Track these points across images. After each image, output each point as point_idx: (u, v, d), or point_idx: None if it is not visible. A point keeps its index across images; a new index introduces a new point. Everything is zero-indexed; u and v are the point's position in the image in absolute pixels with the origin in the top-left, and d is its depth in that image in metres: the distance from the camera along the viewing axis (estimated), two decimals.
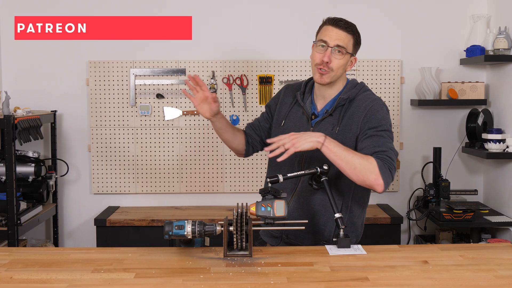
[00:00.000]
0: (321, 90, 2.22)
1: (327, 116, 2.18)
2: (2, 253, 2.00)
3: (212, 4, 3.76)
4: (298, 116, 2.24)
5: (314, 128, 2.18)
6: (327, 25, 2.15)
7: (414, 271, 1.80)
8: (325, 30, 2.15)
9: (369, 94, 2.20)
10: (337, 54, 2.12)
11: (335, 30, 2.12)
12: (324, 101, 2.23)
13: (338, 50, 2.12)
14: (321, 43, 2.13)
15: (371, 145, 2.06)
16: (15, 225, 3.10)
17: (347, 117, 2.16)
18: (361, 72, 3.76)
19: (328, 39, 2.12)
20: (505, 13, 3.53)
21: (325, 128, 2.16)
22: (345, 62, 2.15)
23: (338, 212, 2.05)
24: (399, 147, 3.80)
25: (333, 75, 2.15)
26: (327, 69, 2.13)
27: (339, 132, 2.14)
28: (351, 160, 1.99)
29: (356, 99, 2.17)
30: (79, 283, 1.69)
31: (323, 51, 2.13)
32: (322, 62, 2.12)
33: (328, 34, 2.13)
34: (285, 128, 2.23)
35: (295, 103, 2.27)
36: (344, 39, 2.12)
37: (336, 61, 2.12)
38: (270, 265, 1.86)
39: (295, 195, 2.19)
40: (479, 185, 3.82)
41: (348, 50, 2.14)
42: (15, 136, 3.08)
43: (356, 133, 2.13)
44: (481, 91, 3.66)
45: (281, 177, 2.04)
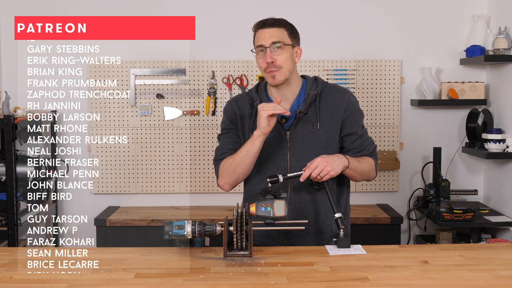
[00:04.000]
0: (280, 92, 2.18)
1: (302, 115, 2.16)
2: (2, 253, 2.01)
3: (212, 4, 3.76)
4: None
5: (291, 131, 2.15)
6: (258, 30, 2.16)
7: (414, 271, 1.80)
8: (258, 36, 2.16)
9: (334, 85, 2.25)
10: (276, 51, 2.12)
11: (266, 30, 2.13)
12: (288, 102, 2.19)
13: (276, 46, 2.12)
14: (259, 48, 2.14)
15: (363, 144, 2.22)
16: (15, 225, 3.11)
17: (325, 112, 2.16)
18: (361, 72, 3.76)
19: (262, 42, 2.13)
20: (505, 13, 3.53)
21: (304, 128, 2.15)
22: (289, 54, 2.14)
23: (338, 212, 2.05)
24: (399, 147, 3.80)
25: (284, 71, 2.12)
26: (275, 68, 2.11)
27: (320, 128, 2.15)
28: (362, 169, 2.17)
29: (325, 93, 2.19)
30: (79, 283, 1.69)
31: (264, 55, 2.12)
32: (267, 64, 2.11)
33: (261, 38, 2.13)
34: None
35: (256, 113, 2.15)
36: (276, 34, 2.12)
37: (279, 57, 2.11)
38: (270, 265, 1.86)
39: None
40: (479, 185, 3.82)
41: (286, 42, 2.13)
42: (15, 136, 3.09)
43: (339, 126, 2.18)
44: (481, 91, 3.66)
45: (281, 177, 2.05)
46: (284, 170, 2.16)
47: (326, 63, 3.76)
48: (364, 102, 3.77)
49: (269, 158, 2.15)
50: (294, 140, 2.15)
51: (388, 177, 3.82)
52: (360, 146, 2.20)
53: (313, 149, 2.13)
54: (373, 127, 3.78)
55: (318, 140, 2.15)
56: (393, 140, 3.80)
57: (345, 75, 3.76)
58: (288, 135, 2.15)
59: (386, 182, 3.83)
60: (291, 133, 2.15)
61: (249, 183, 2.24)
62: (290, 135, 2.15)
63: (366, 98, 3.77)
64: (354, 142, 2.19)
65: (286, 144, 2.15)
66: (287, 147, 2.15)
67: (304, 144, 2.13)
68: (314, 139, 2.14)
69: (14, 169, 3.11)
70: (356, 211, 3.61)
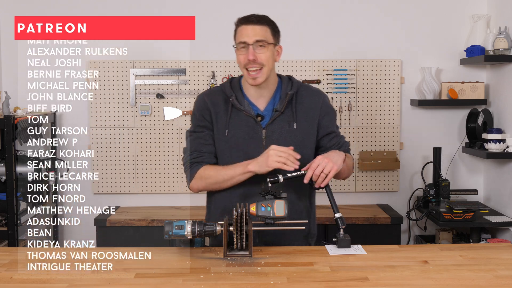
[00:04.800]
0: (257, 90, 2.19)
1: (278, 115, 2.16)
2: (2, 253, 2.01)
3: (212, 4, 3.76)
4: (243, 120, 2.17)
5: (267, 129, 2.15)
6: (241, 26, 2.17)
7: (414, 271, 1.80)
8: (240, 31, 2.16)
9: (308, 86, 2.28)
10: (259, 49, 2.12)
11: (250, 27, 2.14)
12: (265, 100, 2.20)
13: (259, 44, 2.12)
14: (241, 44, 2.14)
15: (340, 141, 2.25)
16: (15, 225, 3.11)
17: (301, 112, 2.18)
18: (361, 72, 3.76)
19: (246, 38, 2.13)
20: (505, 13, 3.53)
21: (281, 127, 2.15)
22: (271, 53, 2.15)
23: (338, 212, 2.05)
24: (399, 147, 3.81)
25: (265, 71, 2.13)
26: (257, 65, 2.11)
27: (297, 128, 2.16)
28: (350, 164, 2.22)
29: (300, 94, 2.21)
30: (79, 283, 1.69)
31: (246, 51, 2.12)
32: (248, 61, 2.11)
33: (244, 34, 2.14)
34: (232, 137, 2.16)
35: (232, 109, 2.17)
36: (260, 32, 2.13)
37: (261, 55, 2.12)
38: (270, 265, 1.86)
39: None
40: (479, 185, 3.82)
41: (269, 41, 2.14)
42: (15, 136, 3.09)
43: (315, 128, 2.20)
44: (481, 91, 3.66)
45: (281, 177, 2.05)
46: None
47: (326, 63, 3.76)
48: (364, 102, 3.77)
49: (245, 156, 2.13)
50: (270, 138, 2.15)
51: (388, 177, 3.83)
52: (338, 143, 2.24)
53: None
54: (373, 127, 3.78)
55: (294, 139, 2.15)
56: (393, 140, 3.80)
57: (345, 75, 3.76)
58: (264, 133, 2.15)
59: (386, 182, 3.83)
60: (267, 131, 2.15)
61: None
62: (266, 133, 2.15)
63: (366, 98, 3.77)
64: (332, 140, 2.23)
65: (261, 142, 2.15)
66: (263, 145, 2.14)
67: (280, 143, 2.11)
68: (290, 139, 2.15)
69: (14, 169, 3.12)
70: (356, 211, 3.61)
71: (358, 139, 3.79)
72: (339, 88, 3.75)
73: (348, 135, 3.77)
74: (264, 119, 2.17)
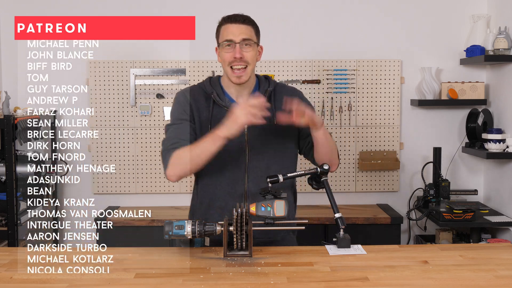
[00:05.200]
0: (238, 89, 2.21)
1: None
2: (2, 253, 2.01)
3: (212, 4, 3.76)
4: (224, 116, 2.13)
5: (249, 125, 2.12)
6: (226, 24, 2.18)
7: (414, 271, 1.80)
8: (225, 29, 2.17)
9: (284, 85, 2.33)
10: (246, 48, 2.14)
11: (236, 25, 2.16)
12: (244, 98, 2.17)
13: (245, 43, 2.14)
14: (227, 43, 2.15)
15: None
16: (15, 225, 3.11)
17: (280, 108, 2.18)
18: (361, 72, 3.76)
19: (232, 36, 2.14)
20: (505, 13, 3.53)
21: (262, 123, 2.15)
22: (255, 53, 2.18)
23: (338, 212, 2.05)
24: (399, 147, 3.81)
25: (250, 70, 2.16)
26: (243, 63, 2.13)
27: (277, 124, 2.16)
28: (331, 141, 2.20)
29: (278, 91, 2.25)
30: (79, 283, 1.69)
31: (232, 49, 2.13)
32: (234, 59, 2.12)
33: (231, 32, 2.15)
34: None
35: (214, 105, 2.19)
36: (246, 32, 2.15)
37: (248, 53, 2.14)
38: (270, 265, 1.86)
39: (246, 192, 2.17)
40: (479, 185, 3.82)
41: (254, 40, 2.17)
42: (15, 136, 3.09)
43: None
44: (481, 91, 3.66)
45: (281, 177, 2.05)
46: (242, 164, 2.16)
47: (326, 63, 3.76)
48: (364, 102, 3.77)
49: (227, 152, 2.12)
50: (252, 134, 2.16)
51: (388, 177, 3.83)
52: None
53: (272, 143, 2.17)
54: (373, 127, 3.78)
55: (275, 135, 2.18)
56: (393, 140, 3.80)
57: (345, 75, 3.76)
58: (245, 129, 2.15)
59: (386, 182, 3.83)
60: (248, 126, 2.15)
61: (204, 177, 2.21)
62: (247, 128, 2.15)
63: (366, 98, 3.77)
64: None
65: (244, 137, 2.15)
66: (245, 140, 2.16)
67: (263, 139, 2.14)
68: (271, 134, 2.18)
69: (14, 169, 3.12)
70: (356, 211, 3.61)
71: (358, 139, 3.79)
72: (339, 88, 3.75)
73: (348, 135, 3.77)
74: None
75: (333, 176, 3.79)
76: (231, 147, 2.13)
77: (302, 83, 3.74)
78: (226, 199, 2.15)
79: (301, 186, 3.60)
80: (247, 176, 2.16)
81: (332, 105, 3.76)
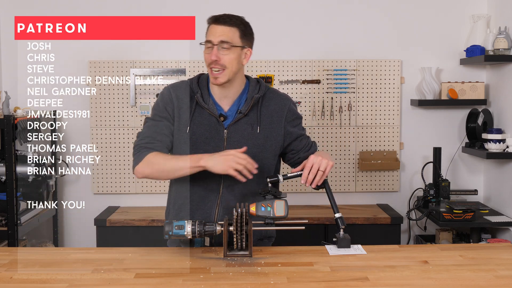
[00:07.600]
0: (221, 91, 2.17)
1: (242, 116, 2.15)
2: (2, 253, 2.01)
3: (212, 4, 3.76)
4: (205, 119, 2.14)
5: (229, 130, 2.13)
6: (211, 24, 2.16)
7: (414, 271, 1.80)
8: (209, 30, 2.15)
9: (276, 90, 2.27)
10: (223, 50, 2.10)
11: (219, 27, 2.13)
12: (229, 101, 2.18)
13: (222, 46, 2.10)
14: (207, 43, 2.13)
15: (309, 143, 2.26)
16: (15, 225, 3.11)
17: (266, 116, 2.17)
18: (361, 72, 3.76)
19: (212, 37, 2.12)
20: (505, 13, 3.53)
21: (243, 129, 2.14)
22: (236, 56, 2.12)
23: (338, 212, 2.06)
24: (399, 147, 3.81)
25: (228, 72, 2.11)
26: (219, 66, 2.10)
27: (260, 132, 2.15)
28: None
29: (267, 97, 2.20)
30: (79, 283, 1.69)
31: (211, 51, 2.11)
32: (211, 61, 2.10)
33: (212, 33, 2.13)
34: (193, 134, 2.13)
35: (196, 106, 2.15)
36: (227, 34, 2.11)
37: (225, 57, 2.10)
38: (270, 265, 1.86)
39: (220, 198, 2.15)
40: (479, 185, 3.82)
41: (234, 44, 2.11)
42: (15, 136, 3.09)
43: (281, 132, 2.19)
44: (481, 91, 3.66)
45: (281, 177, 2.05)
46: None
47: (326, 63, 3.76)
48: (364, 102, 3.77)
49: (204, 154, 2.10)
50: (231, 139, 2.13)
51: (388, 177, 3.83)
52: (307, 144, 2.25)
53: (250, 151, 2.09)
54: (373, 127, 3.78)
55: (255, 143, 2.14)
56: (393, 140, 3.80)
57: (345, 75, 3.76)
58: (225, 134, 2.13)
59: (386, 182, 3.83)
60: (228, 131, 2.13)
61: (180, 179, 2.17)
62: (227, 133, 2.13)
63: (366, 98, 3.77)
64: (302, 141, 2.24)
65: (222, 142, 2.13)
66: (223, 145, 2.13)
67: (241, 145, 2.09)
68: (251, 142, 2.13)
69: (14, 169, 3.12)
70: (356, 211, 3.61)
71: (358, 139, 3.79)
72: (339, 88, 3.75)
73: (348, 135, 3.77)
74: (226, 120, 2.15)
75: (333, 176, 3.79)
76: (208, 150, 2.10)
77: (302, 83, 3.74)
78: (199, 205, 2.14)
79: (301, 186, 3.60)
80: (222, 182, 2.13)
81: (332, 105, 3.76)
